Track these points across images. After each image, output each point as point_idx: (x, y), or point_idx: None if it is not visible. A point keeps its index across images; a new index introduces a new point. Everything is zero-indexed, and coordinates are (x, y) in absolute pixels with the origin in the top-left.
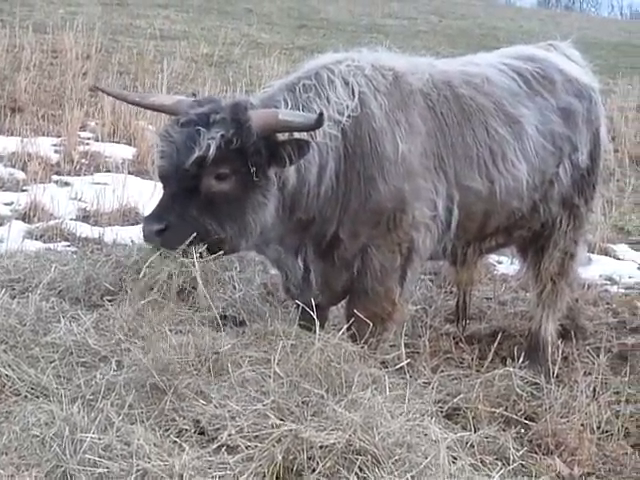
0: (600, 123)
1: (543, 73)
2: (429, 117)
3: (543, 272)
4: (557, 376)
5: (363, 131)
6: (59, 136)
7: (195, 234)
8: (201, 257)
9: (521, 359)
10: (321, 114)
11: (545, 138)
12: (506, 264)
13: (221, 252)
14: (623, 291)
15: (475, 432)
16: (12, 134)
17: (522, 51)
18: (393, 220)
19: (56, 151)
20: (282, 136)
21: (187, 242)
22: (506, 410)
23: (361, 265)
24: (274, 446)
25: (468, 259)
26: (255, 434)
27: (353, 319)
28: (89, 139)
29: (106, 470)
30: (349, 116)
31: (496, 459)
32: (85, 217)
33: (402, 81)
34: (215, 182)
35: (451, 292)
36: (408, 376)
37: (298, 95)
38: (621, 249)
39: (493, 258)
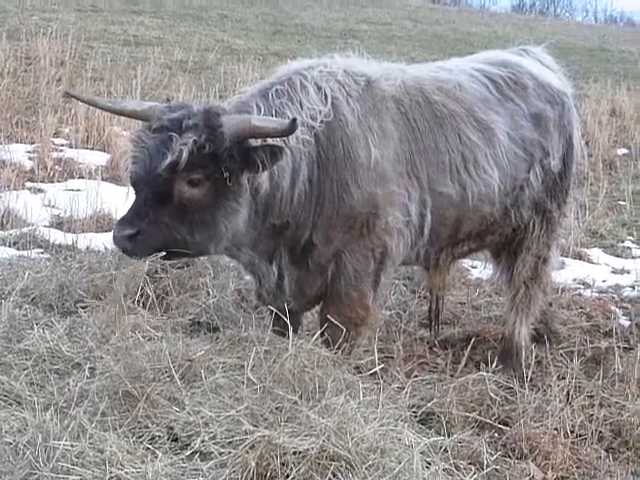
0: (573, 128)
1: (515, 78)
2: (401, 123)
3: (516, 277)
4: (531, 380)
5: (336, 137)
6: (33, 143)
7: (164, 241)
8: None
9: (495, 363)
10: (294, 120)
11: (516, 144)
12: (480, 269)
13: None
14: (597, 295)
15: (449, 437)
16: None
17: (495, 56)
18: (366, 225)
19: (30, 158)
20: (255, 142)
21: (156, 250)
22: (480, 414)
23: (335, 270)
24: (247, 452)
25: (441, 264)
26: (228, 440)
27: (327, 324)
28: (63, 146)
29: (79, 478)
30: (322, 121)
31: (470, 464)
32: (59, 224)
33: (374, 87)
34: (187, 188)
35: (425, 297)
36: (382, 381)
37: (271, 101)
38: (595, 253)
39: (467, 263)
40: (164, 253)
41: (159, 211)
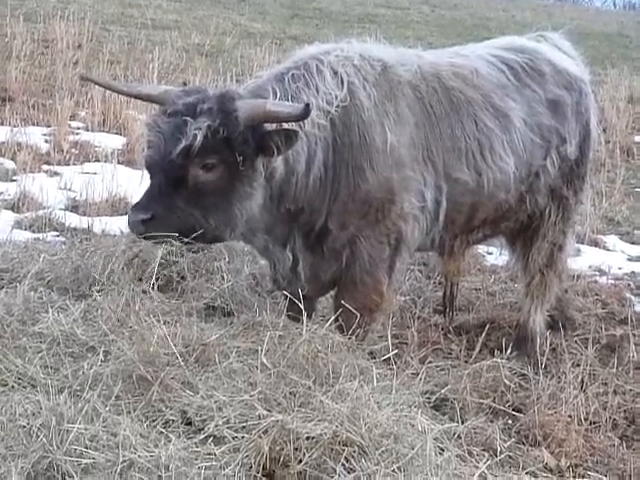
0: (590, 115)
1: (532, 64)
2: (417, 108)
3: (532, 263)
4: (545, 367)
5: (352, 121)
6: (49, 126)
7: (179, 226)
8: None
9: (509, 350)
10: (308, 104)
11: (532, 131)
12: (495, 255)
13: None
14: (612, 282)
15: (462, 423)
16: (2, 124)
17: (512, 42)
18: (382, 211)
19: (46, 141)
20: (270, 126)
21: (172, 233)
22: (494, 401)
23: (350, 256)
24: (261, 437)
25: (455, 250)
26: (242, 425)
27: (341, 310)
28: (79, 129)
29: (92, 461)
30: (338, 106)
31: (483, 450)
32: (74, 207)
33: (391, 72)
34: (202, 172)
35: (440, 283)
36: (396, 367)
37: (287, 85)
38: (611, 240)
39: (482, 249)
40: (179, 238)
41: (174, 195)
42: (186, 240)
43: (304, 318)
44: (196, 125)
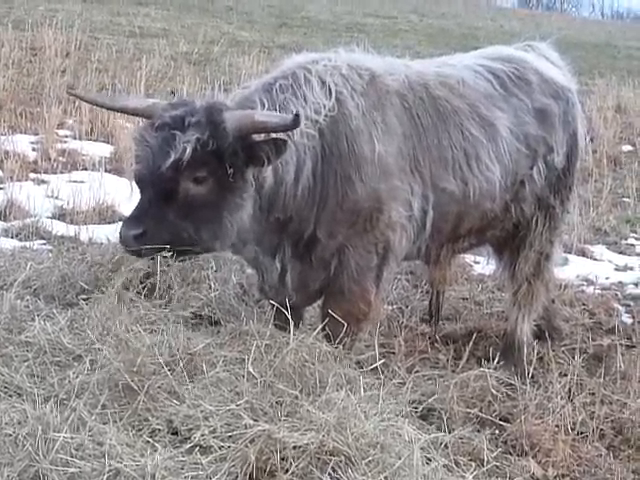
0: (577, 124)
1: (519, 74)
2: (405, 118)
3: (518, 272)
4: (532, 377)
5: (340, 131)
6: (37, 134)
7: (171, 240)
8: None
9: (496, 360)
10: (297, 114)
11: (519, 140)
12: (482, 264)
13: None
14: (599, 292)
15: (449, 433)
16: None
17: (499, 52)
18: (370, 220)
19: (33, 149)
20: (259, 136)
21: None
22: (481, 411)
23: (338, 265)
24: (247, 446)
25: (442, 259)
26: (228, 434)
27: (328, 319)
28: (67, 137)
29: (78, 470)
30: (326, 115)
31: (470, 460)
32: (61, 215)
33: (379, 82)
34: (192, 185)
35: (427, 292)
36: (383, 376)
37: (275, 96)
38: (598, 250)
39: (470, 258)
40: (171, 252)
41: (164, 209)
42: (177, 252)
43: (291, 327)
44: (185, 138)
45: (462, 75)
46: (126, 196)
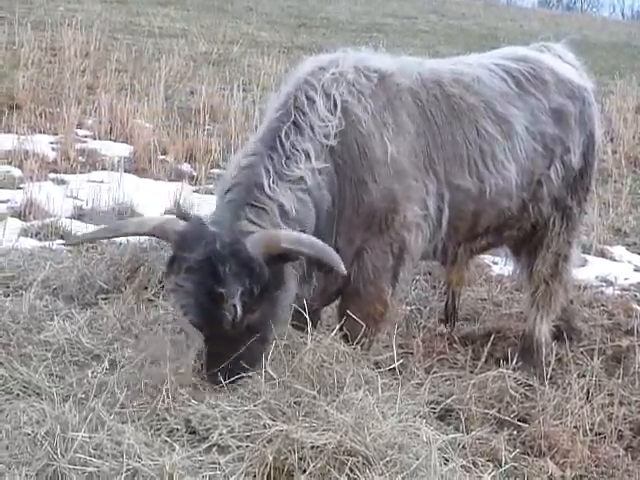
0: (594, 124)
1: (534, 73)
2: (418, 116)
3: (536, 273)
4: (551, 378)
5: (350, 138)
6: (56, 134)
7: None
8: None
9: (515, 360)
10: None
11: (535, 139)
12: (501, 265)
13: None
14: (619, 293)
15: (467, 433)
16: (9, 131)
17: (514, 52)
18: (385, 221)
19: (53, 149)
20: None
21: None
22: (499, 412)
23: (356, 268)
24: (265, 446)
25: (459, 259)
26: (246, 434)
27: (346, 319)
28: (86, 137)
29: (96, 469)
30: (336, 134)
31: (488, 461)
32: (81, 215)
33: (388, 81)
34: (249, 316)
35: (445, 293)
36: (401, 377)
37: (280, 151)
38: (617, 251)
39: (488, 259)
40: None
41: (234, 346)
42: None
43: (309, 328)
44: (231, 294)
45: (477, 73)
46: (144, 196)
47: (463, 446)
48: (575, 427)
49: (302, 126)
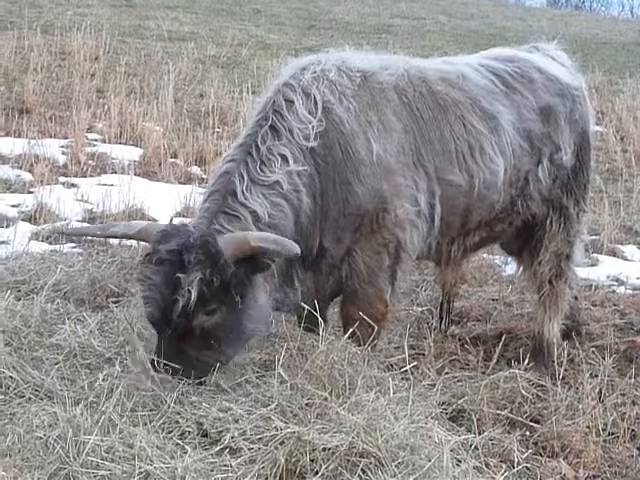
0: (586, 122)
1: (521, 72)
2: (404, 113)
3: (539, 274)
4: (563, 378)
5: (332, 139)
6: (66, 138)
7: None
8: None
9: (526, 361)
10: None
11: (521, 136)
12: (512, 265)
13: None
14: (630, 292)
15: (479, 434)
16: (19, 136)
17: (501, 52)
18: (376, 221)
19: (63, 153)
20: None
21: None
22: (511, 412)
23: (348, 268)
24: (277, 448)
25: (453, 257)
26: (258, 436)
27: (348, 321)
28: (96, 141)
29: (109, 472)
30: (316, 135)
31: (501, 461)
32: (91, 219)
33: (372, 80)
34: (205, 318)
35: (457, 293)
36: (412, 378)
37: (256, 157)
38: (629, 250)
39: (499, 259)
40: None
41: (184, 347)
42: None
43: (321, 330)
44: (189, 280)
45: (462, 71)
46: (155, 199)
47: (475, 447)
48: (588, 427)
49: (280, 130)
